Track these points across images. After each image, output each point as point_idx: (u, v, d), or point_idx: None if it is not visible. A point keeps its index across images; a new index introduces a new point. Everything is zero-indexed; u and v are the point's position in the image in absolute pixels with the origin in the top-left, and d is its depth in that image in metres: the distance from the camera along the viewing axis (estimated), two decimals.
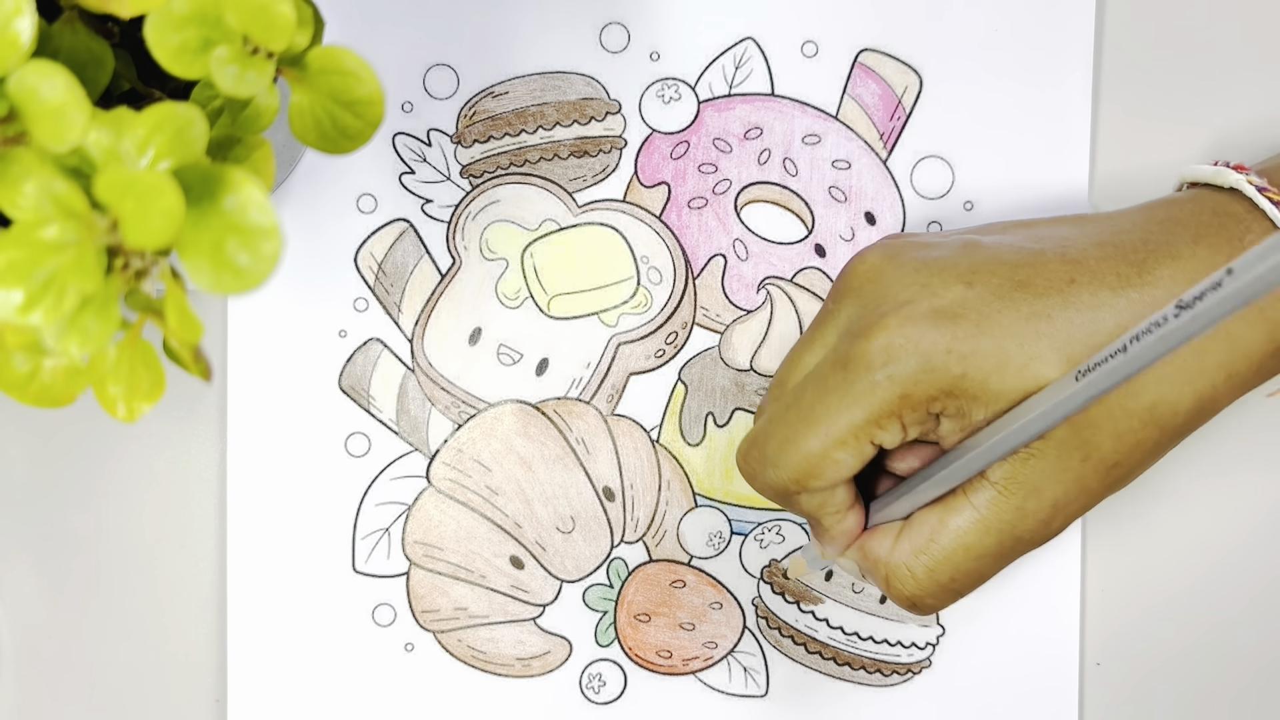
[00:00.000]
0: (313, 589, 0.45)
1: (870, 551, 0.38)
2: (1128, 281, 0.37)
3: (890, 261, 0.38)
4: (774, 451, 0.37)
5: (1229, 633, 0.46)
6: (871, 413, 0.36)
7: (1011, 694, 0.45)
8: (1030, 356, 0.35)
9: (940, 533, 0.37)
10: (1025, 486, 0.36)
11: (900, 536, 0.37)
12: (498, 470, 0.45)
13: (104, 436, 0.45)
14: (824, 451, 0.36)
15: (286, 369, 0.45)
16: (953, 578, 0.37)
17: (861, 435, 0.36)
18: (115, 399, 0.29)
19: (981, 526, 0.36)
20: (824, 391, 0.36)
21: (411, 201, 0.45)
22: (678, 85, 0.45)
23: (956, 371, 0.35)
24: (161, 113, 0.27)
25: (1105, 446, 0.36)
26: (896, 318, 0.36)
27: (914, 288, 0.37)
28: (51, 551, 0.45)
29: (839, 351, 0.37)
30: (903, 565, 0.37)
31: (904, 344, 0.35)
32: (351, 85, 0.30)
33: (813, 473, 0.36)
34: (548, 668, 0.45)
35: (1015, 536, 0.37)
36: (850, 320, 0.38)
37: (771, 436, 0.37)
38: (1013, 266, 0.37)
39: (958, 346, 0.35)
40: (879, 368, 0.35)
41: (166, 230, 0.25)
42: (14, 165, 0.26)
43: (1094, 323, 0.36)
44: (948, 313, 0.36)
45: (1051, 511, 0.37)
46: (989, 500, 0.36)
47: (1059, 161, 0.45)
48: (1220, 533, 0.46)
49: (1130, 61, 0.45)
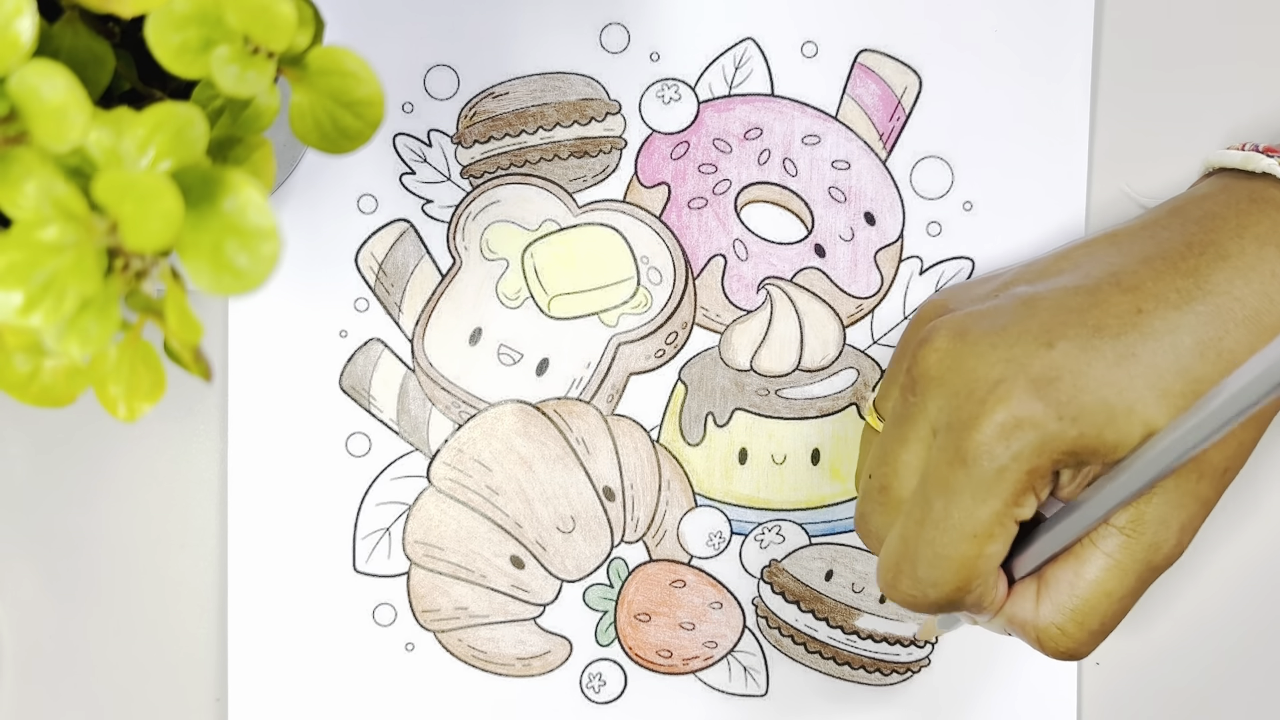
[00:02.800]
0: (313, 589, 0.45)
1: (1016, 616, 0.38)
2: (1189, 296, 0.37)
3: (962, 342, 0.37)
4: (927, 572, 0.36)
5: (1229, 633, 0.46)
6: (1007, 498, 0.35)
7: (1011, 694, 0.45)
8: (1132, 402, 0.35)
9: (1078, 586, 0.37)
10: (1153, 523, 0.36)
11: (1041, 598, 0.37)
12: (498, 470, 0.45)
13: (104, 436, 0.45)
14: (977, 552, 0.36)
15: (287, 369, 0.45)
16: (1102, 623, 0.37)
17: (1005, 521, 0.36)
18: (116, 399, 0.29)
19: (1119, 571, 0.36)
20: (952, 494, 0.36)
21: (412, 202, 0.45)
22: (678, 85, 0.45)
23: (1072, 434, 0.35)
24: (162, 113, 0.27)
25: (1215, 458, 0.37)
26: (998, 399, 0.35)
27: (1000, 364, 0.36)
28: (51, 551, 0.45)
29: (951, 449, 0.36)
30: (1052, 625, 0.37)
31: (1017, 422, 0.35)
32: (352, 85, 0.30)
33: (973, 576, 0.36)
34: (548, 667, 0.45)
35: (1152, 568, 0.37)
36: (944, 412, 0.37)
37: (918, 558, 0.36)
38: (1080, 313, 0.37)
39: (1066, 410, 0.35)
40: (1000, 451, 0.35)
41: (166, 232, 0.25)
42: (14, 165, 0.26)
43: (1175, 348, 0.36)
44: (1043, 380, 0.35)
45: (1180, 535, 0.37)
46: (1120, 545, 0.36)
47: (1058, 161, 0.45)
48: (1220, 532, 0.46)
49: (1129, 61, 0.45)
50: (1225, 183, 0.39)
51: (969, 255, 0.45)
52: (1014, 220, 0.45)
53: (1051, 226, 0.45)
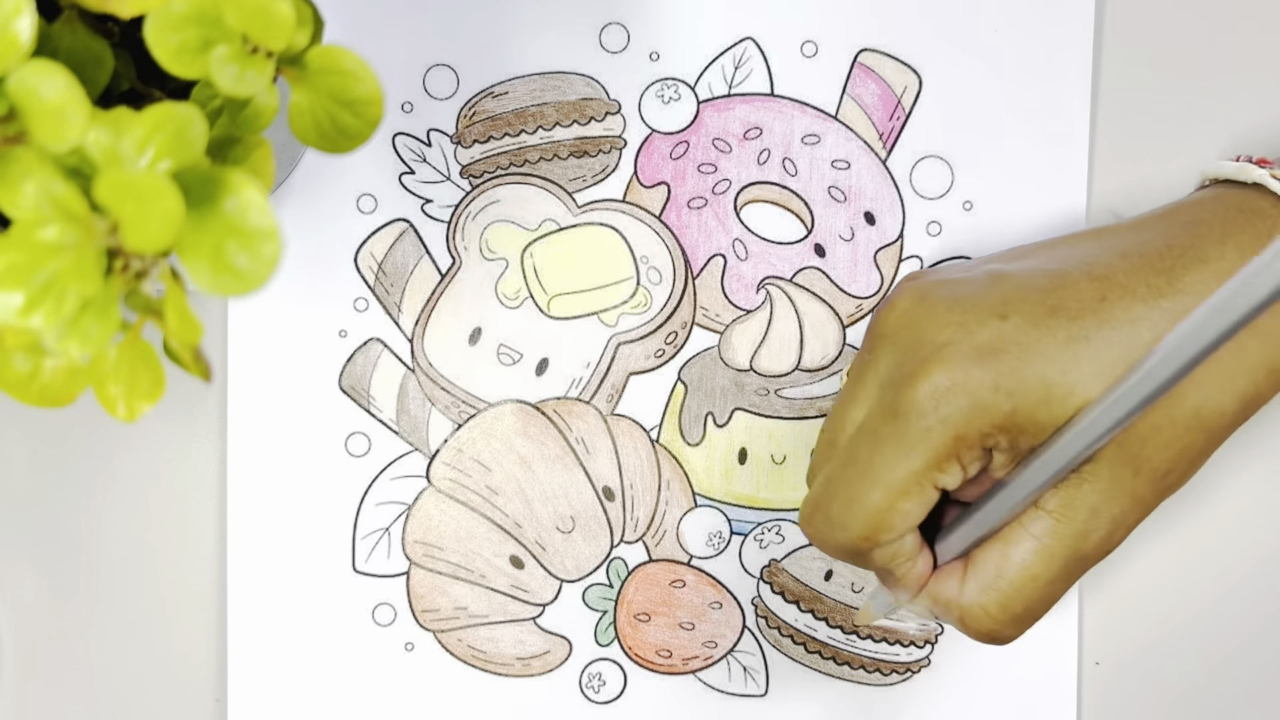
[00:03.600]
0: (313, 589, 0.45)
1: (940, 595, 0.38)
2: (1158, 292, 0.36)
3: (920, 304, 0.37)
4: (839, 512, 0.37)
5: (1229, 633, 0.46)
6: (929, 458, 0.36)
7: (1011, 693, 0.45)
8: (1073, 383, 0.35)
9: (1005, 567, 0.37)
10: (1083, 510, 0.36)
11: (966, 577, 0.37)
12: (498, 470, 0.45)
13: (104, 437, 0.45)
14: (889, 504, 0.36)
15: (287, 369, 0.45)
16: (1026, 608, 0.37)
17: (924, 482, 0.36)
18: (115, 399, 0.29)
19: (1046, 555, 0.36)
20: (878, 444, 0.36)
21: (411, 201, 0.45)
22: (677, 85, 0.45)
23: (1006, 407, 0.35)
24: (161, 112, 0.27)
25: (1155, 458, 0.36)
26: (939, 360, 0.36)
27: (950, 328, 0.36)
28: (51, 551, 0.45)
29: (886, 402, 0.36)
30: (975, 605, 0.37)
31: (951, 386, 0.35)
32: (351, 85, 0.30)
33: (881, 527, 0.36)
34: (548, 667, 0.45)
35: (1080, 557, 0.37)
36: (890, 368, 0.37)
37: (834, 498, 0.37)
38: (1043, 292, 0.37)
39: (1004, 382, 0.35)
40: (930, 412, 0.35)
41: (166, 233, 0.25)
42: (14, 165, 0.26)
43: (1131, 338, 0.36)
44: (988, 349, 0.36)
45: (1111, 528, 0.37)
46: (1048, 529, 0.36)
47: (1058, 161, 0.45)
48: (1220, 532, 0.46)
49: (1129, 61, 0.45)
50: (1219, 192, 0.39)
51: (969, 255, 0.45)
52: (1014, 220, 0.45)
53: (1051, 226, 0.45)
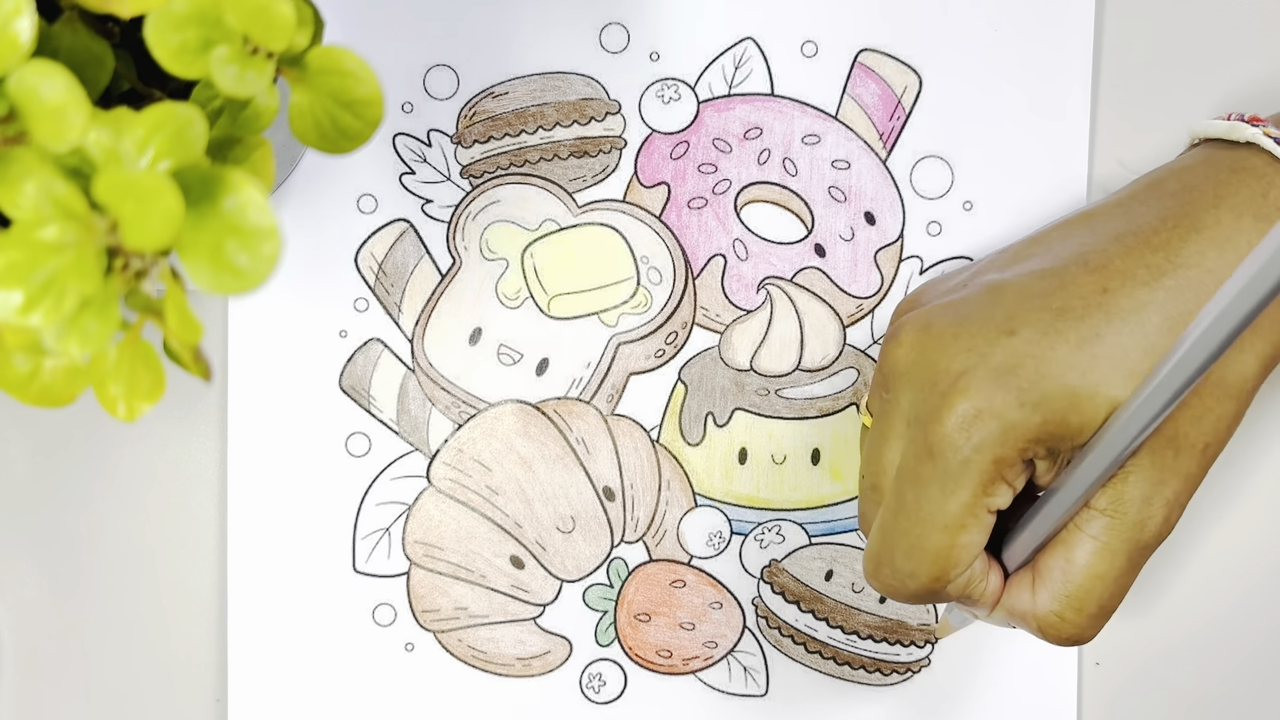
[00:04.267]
0: (313, 589, 0.45)
1: (1015, 608, 0.38)
2: (1159, 271, 0.36)
3: (927, 335, 0.37)
4: (903, 563, 0.37)
5: (1229, 632, 0.46)
6: (975, 489, 0.35)
7: (1011, 693, 0.45)
8: (1096, 383, 0.35)
9: (1070, 571, 0.37)
10: (1134, 503, 0.36)
11: (1036, 586, 0.37)
12: (498, 470, 0.45)
13: (104, 436, 0.45)
14: (950, 542, 0.36)
15: (287, 369, 0.45)
16: (1100, 606, 0.37)
17: (976, 511, 0.36)
18: (115, 399, 0.29)
19: (1108, 553, 0.36)
20: (922, 486, 0.36)
21: (412, 202, 0.45)
22: (677, 85, 0.45)
23: (1036, 421, 0.35)
24: (161, 113, 0.27)
25: (1192, 433, 0.36)
26: (959, 390, 0.35)
27: (962, 355, 0.36)
28: (51, 551, 0.45)
29: (918, 442, 0.36)
30: (1050, 614, 0.37)
31: (977, 413, 0.35)
32: (351, 85, 0.30)
33: (948, 565, 0.36)
34: (548, 667, 0.45)
35: (1141, 546, 0.37)
36: (913, 406, 0.37)
37: (895, 549, 0.37)
38: (1045, 297, 0.37)
39: (1027, 398, 0.35)
40: (964, 444, 0.35)
41: (166, 231, 0.25)
42: (14, 165, 0.26)
43: (1142, 326, 0.36)
44: (1004, 368, 0.35)
45: (1167, 511, 0.36)
46: (1105, 527, 0.36)
47: (1058, 161, 0.45)
48: (1220, 532, 0.46)
49: (1130, 60, 0.45)
50: (1208, 153, 0.39)
51: (969, 255, 0.45)
52: (1014, 220, 0.45)
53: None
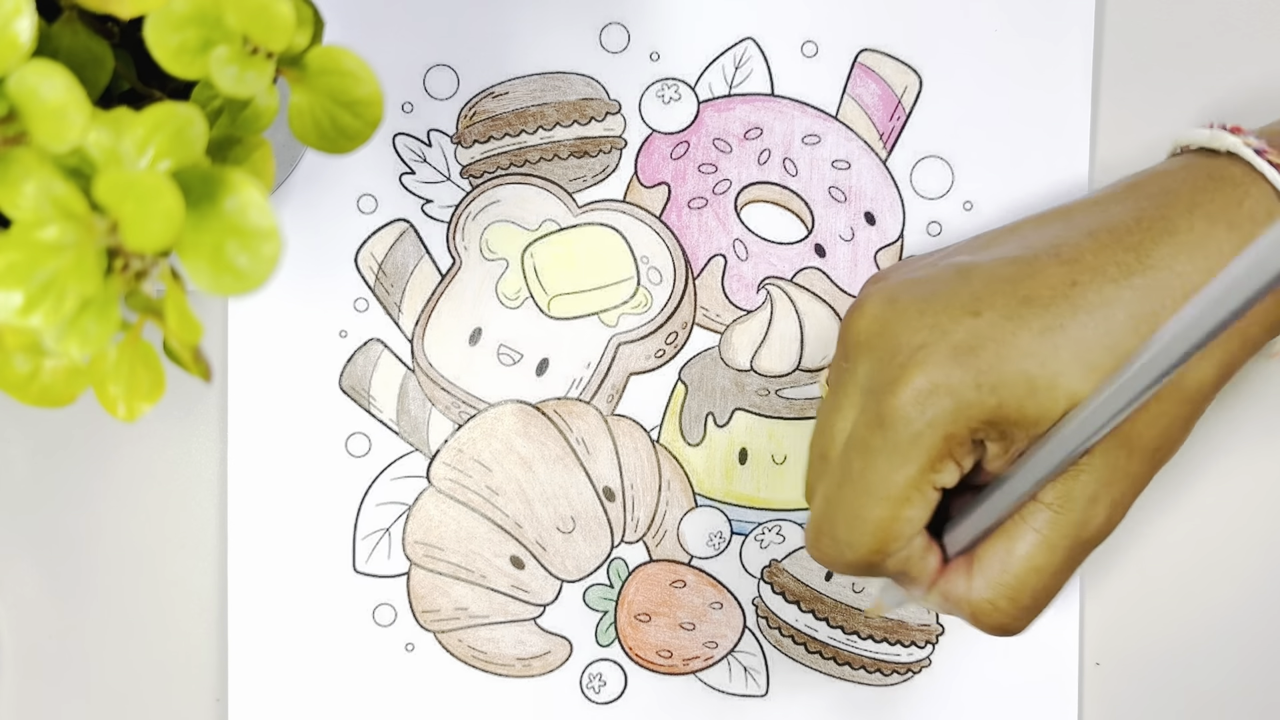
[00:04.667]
0: (313, 589, 0.45)
1: (950, 593, 0.38)
2: (1129, 270, 0.36)
3: (891, 308, 0.37)
4: (845, 533, 0.37)
5: (1229, 632, 0.46)
6: (923, 463, 0.36)
7: (1011, 694, 0.45)
8: (1055, 374, 0.35)
9: (1009, 562, 0.37)
10: (1081, 500, 0.36)
11: (973, 573, 0.37)
12: (498, 470, 0.45)
13: (104, 437, 0.45)
14: (893, 515, 0.36)
15: (287, 369, 0.45)
16: (1033, 599, 0.37)
17: (922, 486, 0.36)
18: (115, 399, 0.29)
19: (1048, 546, 0.36)
20: (870, 456, 0.36)
21: (412, 202, 0.45)
22: (678, 85, 0.45)
23: (991, 403, 0.35)
24: (161, 113, 0.27)
25: (1145, 435, 0.36)
26: (917, 364, 0.35)
27: (924, 330, 0.36)
28: (51, 551, 0.45)
29: (871, 412, 0.36)
30: (984, 601, 0.37)
31: (933, 388, 0.35)
32: (351, 85, 0.30)
33: (889, 539, 0.36)
34: (548, 668, 0.45)
35: (1081, 543, 0.37)
36: (869, 376, 0.37)
37: (836, 518, 0.37)
38: (1013, 283, 0.37)
39: (985, 379, 0.35)
40: (916, 418, 0.35)
41: (166, 232, 0.25)
42: (14, 166, 0.26)
43: (1107, 322, 0.36)
44: (965, 347, 0.35)
45: (1110, 511, 0.37)
46: (1048, 521, 0.36)
47: (1059, 161, 0.45)
48: (1220, 532, 0.46)
49: (1130, 61, 0.45)
50: (1189, 160, 0.39)
51: None
52: (1014, 220, 0.45)
53: None
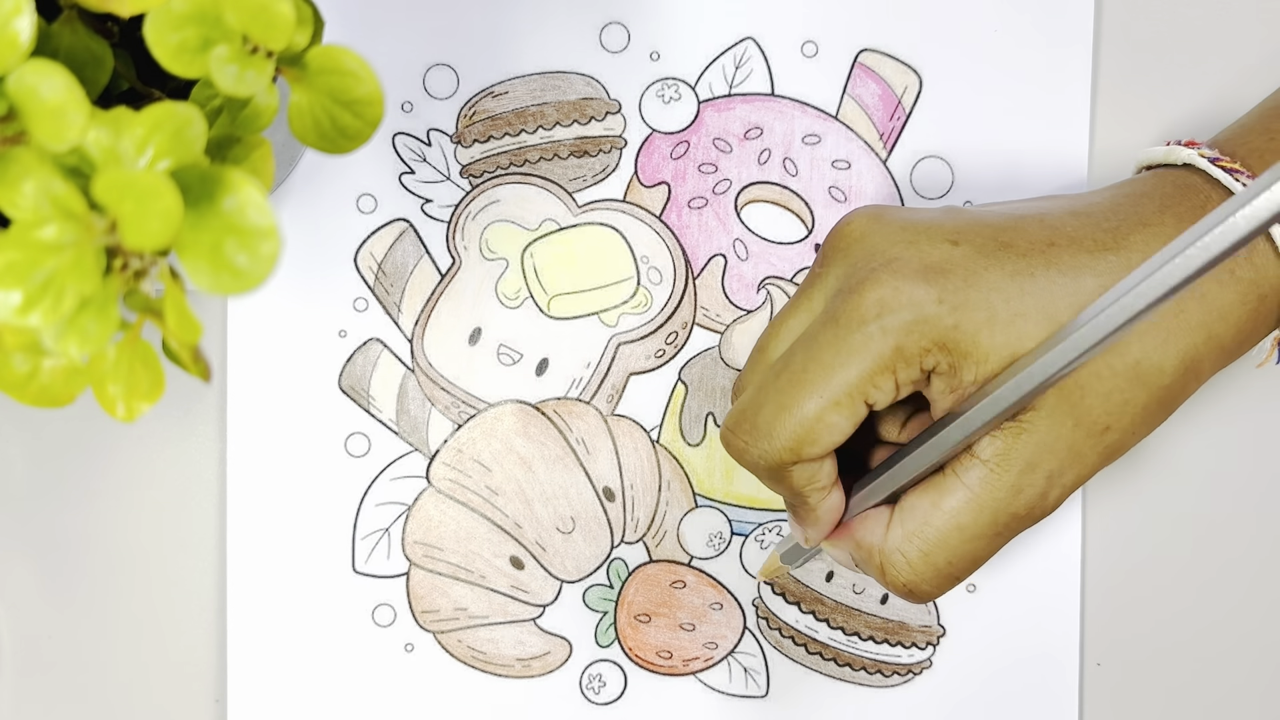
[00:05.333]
0: (313, 589, 0.45)
1: (863, 540, 0.37)
2: (1104, 245, 0.37)
3: (876, 222, 0.38)
4: (766, 420, 0.36)
5: (1229, 632, 0.46)
6: (867, 367, 0.35)
7: (1012, 694, 0.45)
8: (1016, 313, 0.35)
9: (933, 515, 0.36)
10: (1018, 462, 0.36)
11: (892, 523, 0.37)
12: (498, 470, 0.45)
13: (103, 436, 0.45)
14: (820, 414, 0.35)
15: (286, 369, 0.45)
16: (949, 561, 0.36)
17: (856, 393, 0.35)
18: (114, 399, 0.29)
19: (975, 505, 0.36)
20: (816, 349, 0.36)
21: (411, 201, 0.45)
22: (678, 85, 0.45)
23: (949, 323, 0.35)
24: (160, 112, 0.27)
25: (1095, 409, 0.36)
26: (887, 271, 0.36)
27: (901, 245, 0.37)
28: (51, 551, 0.45)
29: (829, 310, 0.36)
30: (897, 551, 0.36)
31: (895, 295, 0.35)
32: (351, 85, 0.30)
33: (809, 438, 0.36)
34: (548, 668, 0.45)
35: (1011, 513, 0.36)
36: (838, 279, 0.37)
37: (762, 406, 0.36)
38: (995, 228, 0.37)
39: (948, 298, 0.35)
40: (872, 320, 0.35)
41: (165, 231, 0.25)
42: (13, 165, 0.26)
43: (1075, 283, 0.36)
44: (936, 268, 0.36)
45: (1046, 484, 0.36)
46: (981, 478, 0.36)
47: (1058, 161, 0.45)
48: (1221, 532, 0.46)
49: (1130, 61, 0.45)
50: (1158, 173, 0.40)
51: None
52: None
53: None
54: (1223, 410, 0.45)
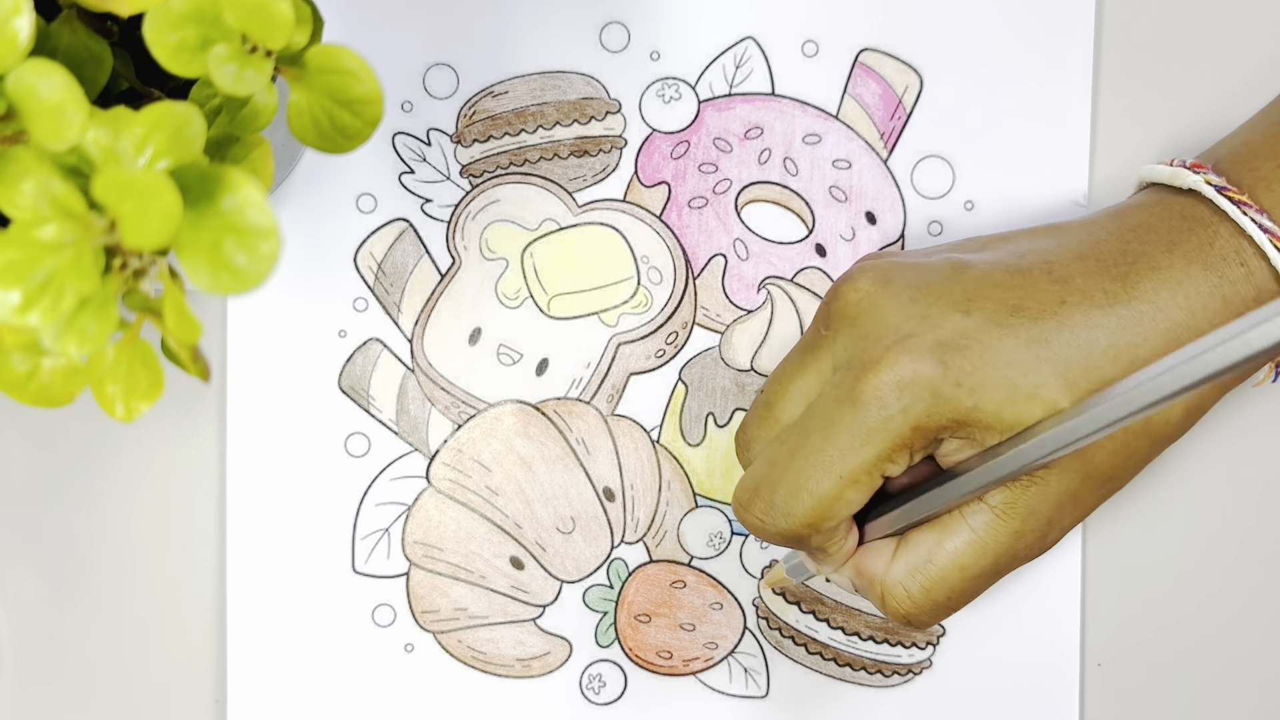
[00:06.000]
0: (313, 589, 0.45)
1: (866, 569, 0.38)
2: (1115, 298, 0.37)
3: (884, 289, 0.37)
4: (784, 500, 0.36)
5: (1230, 632, 0.46)
6: (884, 449, 0.36)
7: (1012, 694, 0.45)
8: (1035, 385, 0.35)
9: (936, 553, 0.37)
10: (1023, 510, 0.36)
11: (896, 556, 0.37)
12: (498, 470, 0.45)
13: (103, 436, 0.45)
14: (837, 494, 0.36)
15: (286, 369, 0.45)
16: (948, 596, 0.37)
17: (874, 471, 0.36)
18: (114, 399, 0.29)
19: (978, 548, 0.37)
20: (833, 432, 0.36)
21: (411, 201, 0.45)
22: (678, 85, 0.45)
23: (968, 404, 0.35)
24: (159, 112, 0.27)
25: (1104, 464, 0.37)
26: (903, 351, 0.36)
27: (913, 319, 0.36)
28: (51, 551, 0.45)
29: (845, 387, 0.36)
30: (899, 584, 0.37)
31: (914, 378, 0.35)
32: (350, 84, 0.30)
33: (827, 515, 0.36)
34: (548, 668, 0.45)
35: (1011, 556, 0.37)
36: (849, 352, 0.37)
37: (778, 485, 0.37)
38: (1005, 289, 0.37)
39: (966, 380, 0.35)
40: (892, 403, 0.35)
41: (164, 230, 0.25)
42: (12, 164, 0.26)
43: (1089, 344, 0.36)
44: (951, 345, 0.36)
45: (1046, 529, 0.37)
46: (986, 524, 0.37)
47: (1059, 161, 0.45)
48: (1221, 533, 0.46)
49: (1130, 61, 0.45)
50: (1160, 196, 0.40)
51: None
52: (1015, 220, 0.45)
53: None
54: (1225, 415, 0.45)
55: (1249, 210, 0.38)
